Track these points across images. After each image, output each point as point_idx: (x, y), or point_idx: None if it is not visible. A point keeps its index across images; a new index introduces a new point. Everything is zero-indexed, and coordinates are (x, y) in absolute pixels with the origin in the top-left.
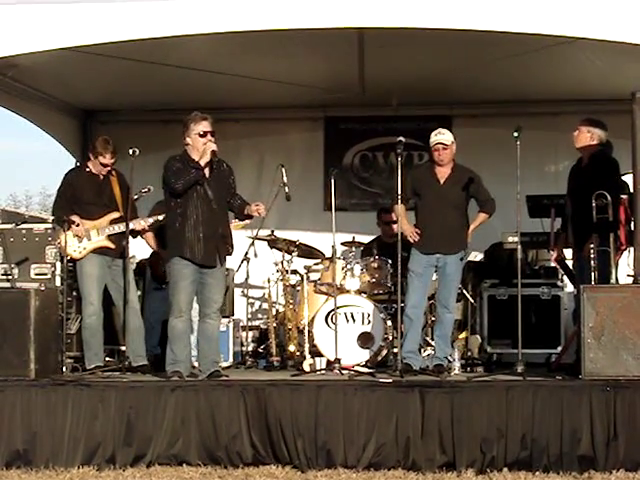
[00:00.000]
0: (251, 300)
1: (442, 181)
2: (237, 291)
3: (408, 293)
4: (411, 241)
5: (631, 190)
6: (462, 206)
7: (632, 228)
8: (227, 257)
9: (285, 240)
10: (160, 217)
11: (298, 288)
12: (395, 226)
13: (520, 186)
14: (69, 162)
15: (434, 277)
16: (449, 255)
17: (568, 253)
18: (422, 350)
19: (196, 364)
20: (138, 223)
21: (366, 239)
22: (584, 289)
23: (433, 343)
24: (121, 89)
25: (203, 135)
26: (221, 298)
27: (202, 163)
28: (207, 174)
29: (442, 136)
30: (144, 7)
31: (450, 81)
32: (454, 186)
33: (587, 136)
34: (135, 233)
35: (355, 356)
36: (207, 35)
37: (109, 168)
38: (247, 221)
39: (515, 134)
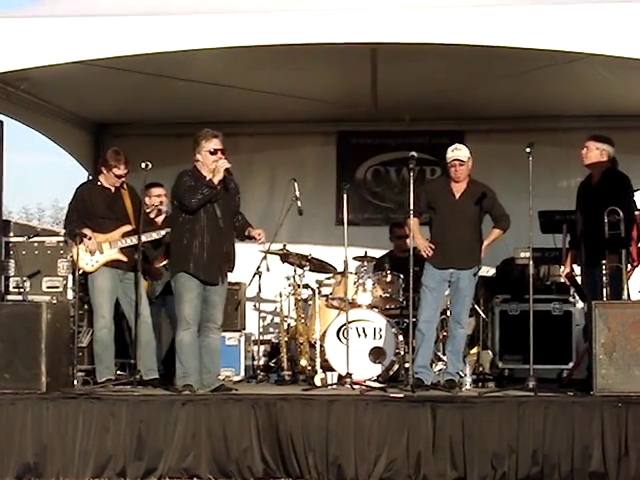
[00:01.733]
0: (263, 314)
1: (457, 196)
2: (249, 305)
3: (420, 308)
4: (425, 256)
5: None
6: (477, 221)
7: None
8: (228, 274)
9: (297, 254)
10: (163, 232)
11: (310, 302)
12: (408, 240)
13: (532, 201)
14: (82, 175)
15: (447, 292)
16: (463, 270)
17: (577, 269)
18: (433, 365)
19: None
20: (150, 235)
21: (378, 254)
22: (596, 305)
23: (445, 358)
24: (134, 103)
25: (214, 153)
26: (222, 314)
27: (215, 181)
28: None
29: (459, 152)
30: (158, 21)
31: (462, 96)
32: (469, 201)
33: (597, 153)
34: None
35: (367, 371)
36: (221, 49)
37: (123, 180)
38: None
39: (527, 150)
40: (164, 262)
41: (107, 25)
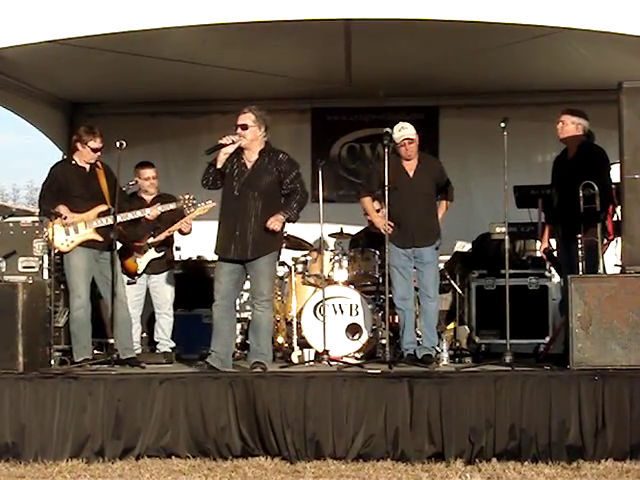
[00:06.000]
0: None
1: (411, 173)
2: None
3: (394, 287)
4: (384, 233)
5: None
6: (432, 195)
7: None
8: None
9: None
10: (172, 205)
11: (286, 280)
12: (382, 215)
13: (507, 176)
14: (56, 155)
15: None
16: (424, 247)
17: (553, 244)
18: None
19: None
20: (125, 216)
21: (354, 230)
22: (572, 279)
23: (420, 333)
24: (108, 81)
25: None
26: (264, 289)
27: (219, 159)
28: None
29: (406, 131)
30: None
31: (437, 72)
32: (424, 176)
33: (572, 127)
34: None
35: (343, 347)
36: (194, 27)
37: (99, 154)
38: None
39: (502, 125)
40: (149, 240)
41: (80, 4)
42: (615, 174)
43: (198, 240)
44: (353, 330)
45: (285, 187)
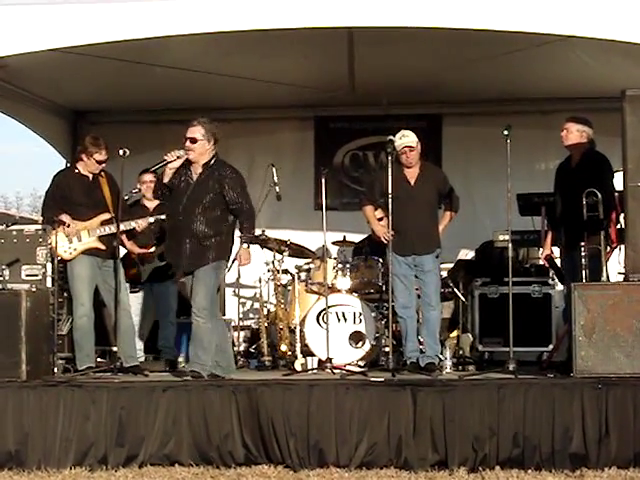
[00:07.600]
0: (242, 300)
1: (412, 182)
2: (228, 291)
3: (395, 296)
4: (384, 241)
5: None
6: (433, 204)
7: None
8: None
9: (276, 240)
10: (162, 216)
11: (289, 288)
12: (384, 223)
13: (510, 184)
14: (60, 163)
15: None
16: (424, 255)
17: (556, 251)
18: None
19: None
20: (137, 223)
21: (357, 238)
22: (575, 287)
23: (422, 341)
24: (111, 90)
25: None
26: (197, 296)
27: (165, 175)
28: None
29: (407, 139)
30: (133, 8)
31: (440, 80)
32: (425, 185)
33: (577, 134)
34: (132, 234)
35: (347, 355)
36: (196, 35)
37: (103, 166)
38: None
39: (505, 132)
40: (151, 249)
41: (83, 12)
42: (618, 182)
43: None
44: (356, 338)
45: (231, 203)
